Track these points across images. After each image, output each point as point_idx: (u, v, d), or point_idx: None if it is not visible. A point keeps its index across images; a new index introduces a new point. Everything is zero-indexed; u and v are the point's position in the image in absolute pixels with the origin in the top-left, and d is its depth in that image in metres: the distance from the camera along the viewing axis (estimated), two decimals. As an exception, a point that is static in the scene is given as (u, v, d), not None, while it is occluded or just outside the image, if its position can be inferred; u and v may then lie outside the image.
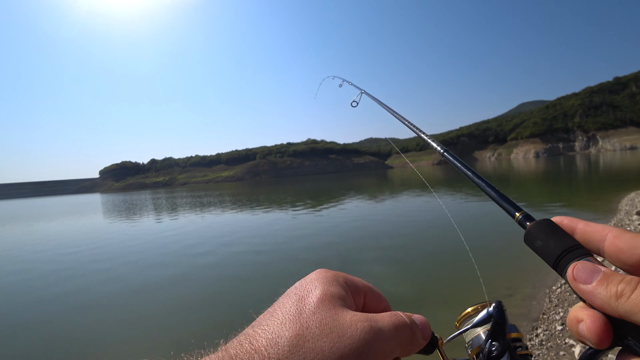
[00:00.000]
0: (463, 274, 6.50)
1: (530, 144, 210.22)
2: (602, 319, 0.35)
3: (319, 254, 9.59)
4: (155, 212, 27.61)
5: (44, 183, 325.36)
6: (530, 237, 0.44)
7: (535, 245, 0.43)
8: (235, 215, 20.89)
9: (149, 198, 56.43)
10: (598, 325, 0.34)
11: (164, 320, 5.97)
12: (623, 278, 0.34)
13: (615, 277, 0.35)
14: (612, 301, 0.33)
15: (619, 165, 41.65)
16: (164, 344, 5.12)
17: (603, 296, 0.34)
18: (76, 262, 10.86)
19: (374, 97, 1.67)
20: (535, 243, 0.44)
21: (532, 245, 0.44)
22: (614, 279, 0.34)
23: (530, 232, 0.45)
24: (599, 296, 0.35)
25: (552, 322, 4.46)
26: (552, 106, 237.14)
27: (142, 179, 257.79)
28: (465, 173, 0.67)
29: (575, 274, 0.37)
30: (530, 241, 0.45)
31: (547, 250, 0.42)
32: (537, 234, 0.44)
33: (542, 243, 0.43)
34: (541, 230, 0.44)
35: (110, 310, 6.63)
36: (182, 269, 9.04)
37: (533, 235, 0.44)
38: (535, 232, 0.44)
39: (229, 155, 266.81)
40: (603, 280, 0.35)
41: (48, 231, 20.64)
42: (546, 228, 0.43)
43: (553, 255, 0.41)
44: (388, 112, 1.36)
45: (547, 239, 0.42)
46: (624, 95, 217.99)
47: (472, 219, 12.55)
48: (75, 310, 6.74)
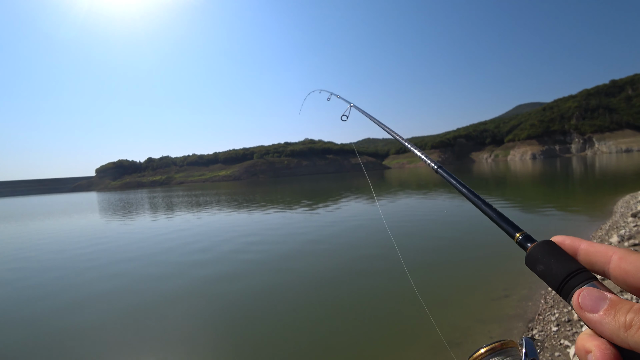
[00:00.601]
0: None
1: (527, 146, 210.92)
2: (611, 351, 0.33)
3: (317, 254, 9.59)
4: (152, 211, 27.50)
5: (40, 181, 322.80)
6: (532, 260, 0.43)
7: (537, 269, 0.42)
8: (230, 215, 20.84)
9: (146, 197, 56.20)
10: (607, 357, 0.33)
11: (157, 323, 5.95)
12: (632, 307, 0.33)
13: (623, 306, 0.33)
14: (621, 332, 0.32)
15: (614, 168, 41.89)
16: (155, 346, 5.10)
17: (611, 327, 0.33)
18: (68, 261, 10.80)
19: (362, 111, 1.66)
20: (537, 267, 0.42)
21: (534, 269, 0.43)
22: (622, 308, 0.33)
23: (531, 255, 0.44)
24: (607, 327, 0.33)
25: (547, 323, 4.48)
26: (549, 108, 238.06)
27: (139, 178, 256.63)
28: (461, 191, 0.64)
29: (581, 302, 0.36)
30: (532, 264, 0.43)
31: (550, 275, 0.40)
32: (539, 257, 0.42)
33: (544, 267, 0.41)
34: (543, 252, 0.42)
35: (102, 309, 6.60)
36: (176, 269, 9.01)
37: (534, 259, 0.43)
38: (536, 254, 0.43)
39: (226, 155, 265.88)
40: (610, 309, 0.33)
41: (43, 229, 20.51)
42: (548, 250, 0.42)
43: (556, 280, 0.40)
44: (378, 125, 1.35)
45: (549, 263, 0.41)
46: (620, 98, 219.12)
47: (471, 219, 12.59)
48: (63, 310, 6.70)
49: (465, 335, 4.52)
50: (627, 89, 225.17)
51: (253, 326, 5.39)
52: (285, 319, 5.57)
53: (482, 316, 5.00)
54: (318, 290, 6.85)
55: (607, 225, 9.55)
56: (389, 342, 4.62)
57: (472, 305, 5.43)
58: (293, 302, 6.26)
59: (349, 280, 7.19)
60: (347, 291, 6.61)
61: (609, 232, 8.59)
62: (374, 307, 5.79)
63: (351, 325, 5.21)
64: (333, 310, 5.85)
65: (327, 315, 5.67)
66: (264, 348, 4.73)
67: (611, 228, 9.02)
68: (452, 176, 0.68)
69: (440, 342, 4.25)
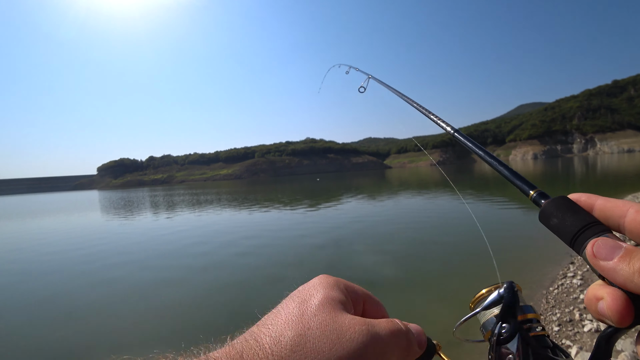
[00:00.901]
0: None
1: (528, 146, 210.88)
2: (623, 297, 0.33)
3: (313, 254, 9.56)
4: (153, 210, 27.52)
5: (41, 179, 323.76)
6: (546, 215, 0.42)
7: (551, 223, 0.41)
8: (232, 214, 20.83)
9: (147, 195, 56.26)
10: (619, 302, 0.33)
11: (159, 321, 5.93)
12: None
13: (639, 253, 0.33)
14: (636, 277, 0.32)
15: (616, 168, 41.79)
16: (159, 343, 5.07)
17: (625, 272, 0.33)
18: (67, 262, 10.78)
19: (381, 82, 1.60)
20: (550, 221, 0.42)
21: (548, 223, 0.42)
22: (637, 255, 0.33)
23: (545, 210, 0.43)
24: (621, 273, 0.33)
25: (549, 322, 4.45)
26: (551, 108, 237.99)
27: (140, 176, 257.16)
28: (478, 153, 0.66)
29: (595, 251, 0.35)
30: (545, 219, 0.43)
31: (564, 228, 0.40)
32: (553, 211, 0.42)
33: (558, 220, 0.41)
34: (557, 207, 0.42)
35: (105, 310, 6.58)
36: (177, 269, 8.99)
37: (548, 213, 0.42)
38: (550, 209, 0.42)
39: (227, 154, 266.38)
40: (625, 256, 0.33)
41: (44, 228, 20.53)
42: (562, 205, 0.41)
43: (570, 232, 0.39)
44: (396, 95, 1.32)
45: (563, 216, 0.40)
46: (622, 98, 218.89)
47: (469, 220, 12.54)
48: (62, 313, 6.67)
49: (466, 334, 4.47)
50: (629, 89, 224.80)
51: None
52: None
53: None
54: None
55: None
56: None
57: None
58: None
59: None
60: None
61: (610, 232, 8.54)
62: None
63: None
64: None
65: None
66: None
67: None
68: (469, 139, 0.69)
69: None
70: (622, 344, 3.44)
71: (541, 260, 7.00)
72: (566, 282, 5.54)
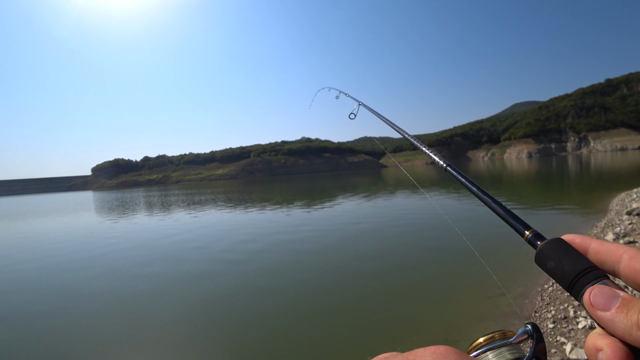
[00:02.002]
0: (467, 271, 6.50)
1: (523, 144, 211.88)
2: (622, 349, 0.32)
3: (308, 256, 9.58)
4: (147, 211, 27.38)
5: (36, 180, 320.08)
6: (542, 258, 0.42)
7: (548, 266, 0.41)
8: (227, 214, 20.79)
9: (142, 196, 55.92)
10: (618, 355, 0.32)
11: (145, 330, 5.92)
12: None
13: (636, 304, 0.32)
14: (634, 330, 0.31)
15: (609, 166, 42.17)
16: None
17: (623, 325, 0.32)
18: (56, 266, 10.73)
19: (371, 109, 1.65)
20: (547, 264, 0.41)
21: (544, 266, 0.42)
22: (635, 306, 0.32)
23: (541, 253, 0.42)
24: (619, 325, 0.32)
25: (543, 320, 4.50)
26: (545, 107, 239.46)
27: (135, 177, 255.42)
28: (470, 188, 0.64)
29: (592, 300, 0.35)
30: (541, 262, 0.42)
31: (561, 273, 0.39)
32: (549, 254, 0.41)
33: (555, 264, 0.40)
34: (553, 250, 0.41)
35: (91, 318, 6.55)
36: (168, 272, 8.97)
37: (545, 256, 0.42)
38: (546, 252, 0.42)
39: (223, 153, 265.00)
40: (622, 307, 0.33)
41: (39, 229, 20.35)
42: (558, 248, 0.41)
43: (567, 277, 0.38)
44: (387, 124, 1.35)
45: (560, 260, 0.40)
46: (615, 97, 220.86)
47: (468, 220, 12.63)
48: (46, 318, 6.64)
49: (462, 332, 4.53)
50: (622, 88, 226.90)
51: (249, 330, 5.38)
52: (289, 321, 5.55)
53: (478, 313, 5.01)
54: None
55: (603, 223, 9.61)
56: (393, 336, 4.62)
57: (467, 303, 5.44)
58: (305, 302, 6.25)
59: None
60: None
61: (604, 230, 8.64)
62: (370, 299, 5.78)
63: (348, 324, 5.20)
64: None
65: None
66: (264, 347, 4.72)
67: (606, 226, 9.08)
68: (461, 174, 0.67)
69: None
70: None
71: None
72: (561, 280, 5.61)
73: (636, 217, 9.12)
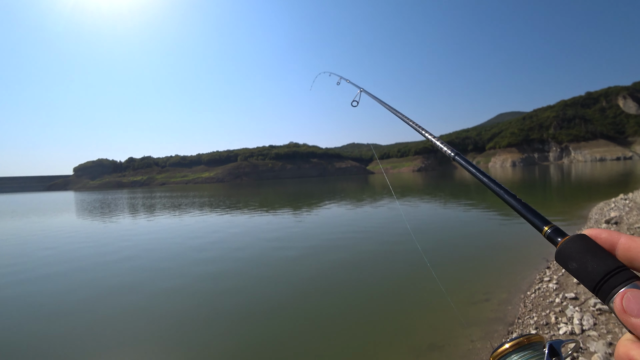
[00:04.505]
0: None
1: (507, 153, 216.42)
2: None
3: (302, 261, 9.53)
4: (132, 214, 26.82)
5: (13, 179, 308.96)
6: (564, 257, 0.38)
7: (570, 267, 0.37)
8: (210, 218, 20.53)
9: (125, 198, 54.80)
10: None
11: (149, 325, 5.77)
12: None
13: None
14: None
15: (589, 176, 43.36)
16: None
17: None
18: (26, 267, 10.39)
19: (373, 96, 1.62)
20: (569, 264, 0.37)
21: (566, 266, 0.38)
22: None
23: (563, 251, 0.39)
24: None
25: (526, 326, 4.55)
26: (529, 117, 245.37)
27: (119, 178, 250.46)
28: (481, 179, 0.59)
29: (625, 306, 0.31)
30: (563, 261, 0.38)
31: (585, 274, 0.35)
32: (571, 253, 0.38)
33: (578, 265, 0.36)
34: (576, 248, 0.38)
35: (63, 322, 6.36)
36: (145, 276, 8.79)
37: (566, 255, 0.38)
38: (568, 250, 0.38)
39: (209, 156, 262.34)
40: None
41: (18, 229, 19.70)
42: (582, 245, 0.37)
43: (593, 279, 0.34)
44: (389, 111, 1.28)
45: (584, 260, 0.36)
46: (595, 109, 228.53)
47: (462, 224, 12.75)
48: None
49: (447, 338, 4.54)
50: (601, 101, 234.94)
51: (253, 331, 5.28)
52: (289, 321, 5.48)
53: (462, 319, 5.04)
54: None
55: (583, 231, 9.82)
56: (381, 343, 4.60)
57: (452, 309, 5.47)
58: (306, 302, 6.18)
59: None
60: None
61: (584, 238, 8.83)
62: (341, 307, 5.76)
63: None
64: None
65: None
66: (264, 347, 4.64)
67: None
68: (470, 163, 0.63)
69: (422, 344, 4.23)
70: (595, 346, 3.56)
71: (519, 264, 7.18)
72: (542, 287, 5.70)
73: (614, 226, 9.37)
